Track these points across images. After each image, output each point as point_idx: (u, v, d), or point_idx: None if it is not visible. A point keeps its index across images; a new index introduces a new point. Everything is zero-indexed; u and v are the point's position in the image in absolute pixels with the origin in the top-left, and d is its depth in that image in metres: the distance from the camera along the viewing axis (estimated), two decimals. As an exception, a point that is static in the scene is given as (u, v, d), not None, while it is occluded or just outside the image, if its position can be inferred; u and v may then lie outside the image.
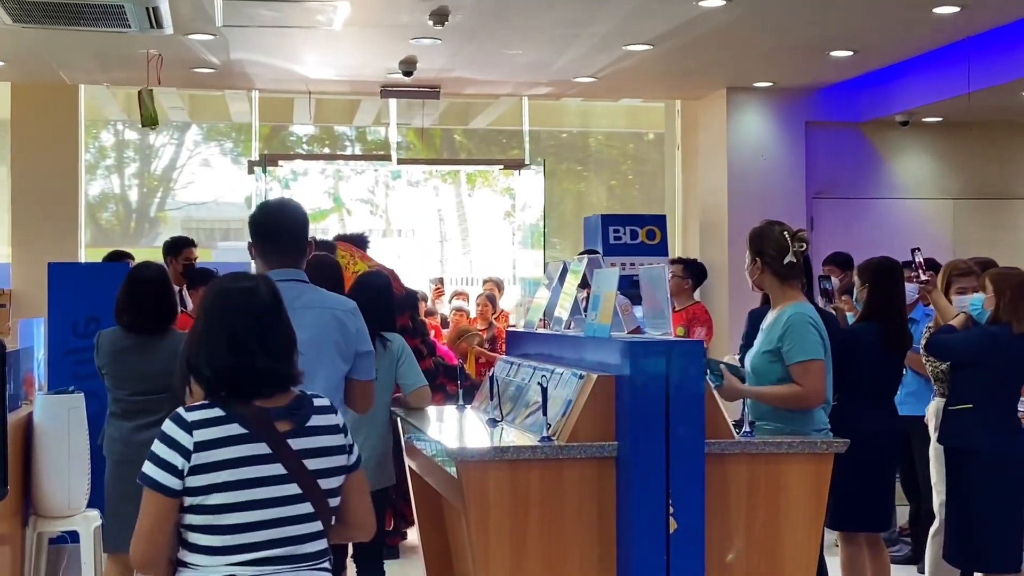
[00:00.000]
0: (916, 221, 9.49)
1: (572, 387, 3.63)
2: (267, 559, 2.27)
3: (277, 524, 2.29)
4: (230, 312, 2.36)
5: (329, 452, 2.37)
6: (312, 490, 2.32)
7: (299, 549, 2.31)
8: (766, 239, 4.16)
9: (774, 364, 4.03)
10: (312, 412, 2.39)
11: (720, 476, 3.55)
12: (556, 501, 3.48)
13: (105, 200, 14.41)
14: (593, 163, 13.77)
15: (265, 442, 2.29)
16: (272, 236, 3.49)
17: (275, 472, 2.28)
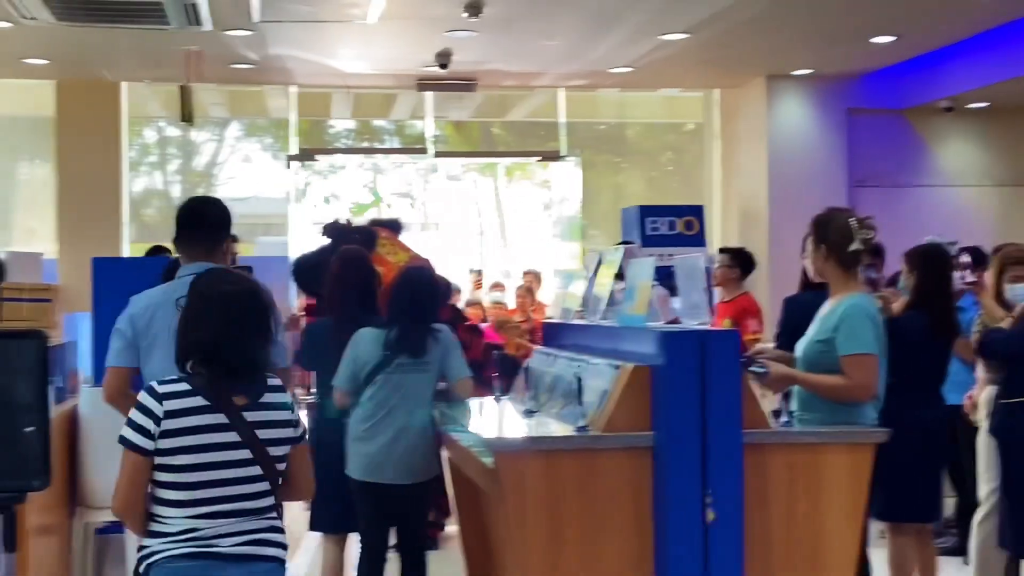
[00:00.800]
0: (960, 209, 9.37)
1: (607, 377, 3.61)
2: (221, 512, 2.70)
3: (231, 483, 2.70)
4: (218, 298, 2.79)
5: (278, 425, 2.78)
6: (262, 456, 2.73)
7: (249, 504, 2.73)
8: (831, 226, 4.04)
9: (827, 354, 3.93)
10: (265, 390, 2.79)
11: (758, 466, 3.50)
12: (592, 491, 3.46)
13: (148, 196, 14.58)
14: (631, 154, 13.71)
15: (223, 413, 2.70)
16: (190, 230, 3.74)
17: (231, 439, 2.70)
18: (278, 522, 2.82)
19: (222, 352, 2.73)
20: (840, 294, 4.04)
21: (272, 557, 2.78)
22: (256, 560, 2.74)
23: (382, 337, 4.60)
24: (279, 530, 2.81)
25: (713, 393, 3.39)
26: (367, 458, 4.55)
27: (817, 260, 4.07)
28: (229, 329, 2.75)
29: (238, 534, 2.72)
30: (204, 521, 2.70)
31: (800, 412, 3.97)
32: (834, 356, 3.92)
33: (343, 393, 4.61)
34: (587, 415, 3.53)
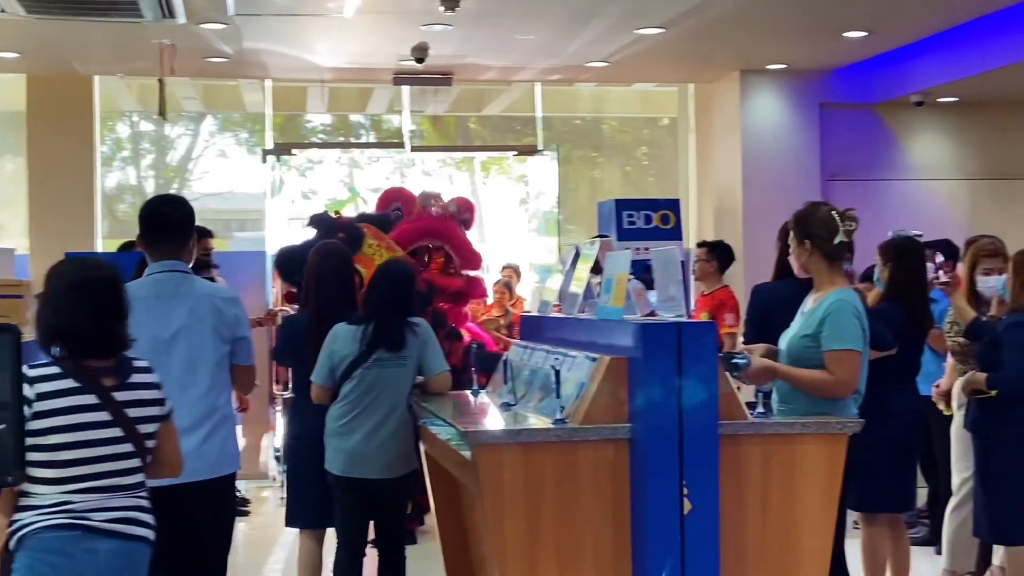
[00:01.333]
0: (931, 202, 9.46)
1: (585, 370, 3.63)
2: (94, 488, 2.85)
3: (103, 460, 2.87)
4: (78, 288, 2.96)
5: (146, 403, 2.97)
6: (132, 433, 2.91)
7: (120, 480, 2.90)
8: (815, 220, 4.02)
9: (812, 349, 3.92)
10: (133, 371, 2.98)
11: (734, 457, 3.54)
12: (570, 483, 3.49)
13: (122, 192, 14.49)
14: (607, 149, 13.75)
15: (94, 394, 2.87)
16: (154, 231, 3.85)
17: (102, 418, 2.87)
18: (146, 502, 2.97)
19: (87, 335, 2.92)
20: (825, 289, 4.02)
21: (141, 537, 2.93)
22: (126, 538, 2.89)
23: (358, 332, 4.59)
24: (147, 510, 2.97)
25: (689, 385, 3.42)
26: (345, 453, 4.55)
27: (802, 255, 4.03)
28: (93, 313, 2.93)
29: (109, 510, 2.87)
30: (77, 496, 2.84)
31: (780, 404, 4.00)
32: (819, 351, 3.91)
33: (320, 388, 4.61)
34: (565, 407, 3.55)
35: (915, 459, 5.09)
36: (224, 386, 3.86)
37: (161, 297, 3.76)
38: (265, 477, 8.26)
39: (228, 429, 3.85)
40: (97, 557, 2.83)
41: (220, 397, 3.83)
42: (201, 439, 3.72)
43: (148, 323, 3.57)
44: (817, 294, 4.07)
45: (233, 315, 3.84)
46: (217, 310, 3.81)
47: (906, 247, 4.98)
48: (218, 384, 3.81)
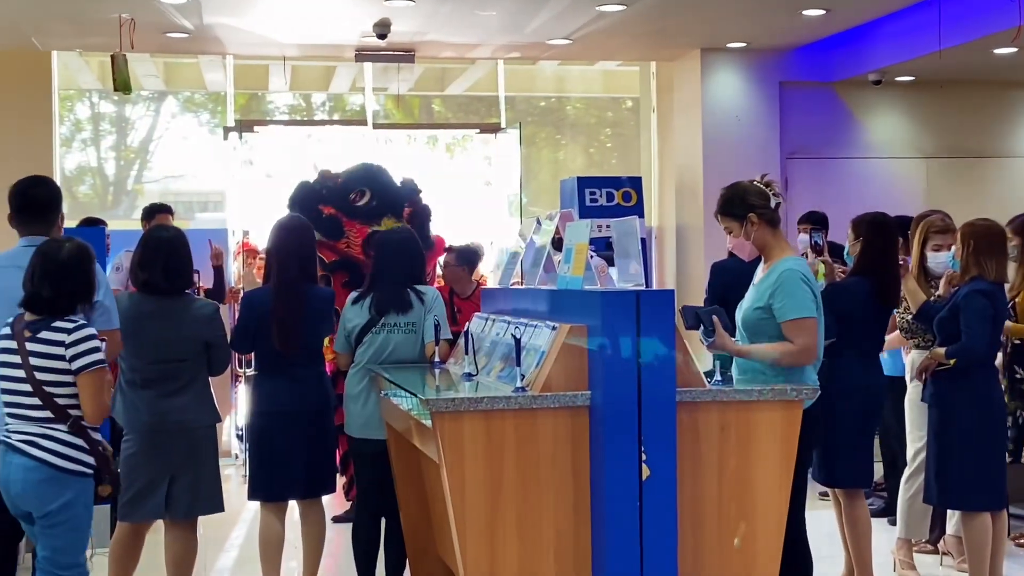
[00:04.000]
0: (889, 180, 9.57)
1: (545, 338, 3.67)
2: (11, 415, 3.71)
3: (16, 394, 3.71)
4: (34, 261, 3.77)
5: (51, 357, 3.66)
6: (29, 375, 3.66)
7: (26, 412, 3.69)
8: (751, 194, 4.10)
9: (766, 321, 3.99)
10: (46, 328, 3.68)
11: (691, 424, 3.59)
12: (531, 450, 3.53)
13: (82, 173, 14.34)
14: (570, 130, 13.76)
15: (14, 340, 3.70)
16: (22, 210, 4.25)
17: (12, 360, 3.70)
18: (57, 431, 3.67)
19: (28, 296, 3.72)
20: (773, 259, 4.10)
21: (37, 457, 3.65)
22: (24, 454, 3.66)
23: (365, 299, 4.83)
24: (56, 439, 3.66)
25: (648, 352, 3.46)
26: (362, 418, 4.79)
27: (750, 232, 4.07)
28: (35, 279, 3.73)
29: (20, 432, 3.69)
30: (10, 420, 3.72)
31: (741, 374, 4.05)
32: (773, 322, 3.98)
33: (341, 355, 4.90)
34: (525, 376, 3.59)
35: (874, 434, 5.18)
36: None
37: (21, 268, 4.02)
38: (228, 455, 8.25)
39: None
40: (11, 466, 3.68)
41: None
42: None
43: (6, 290, 3.99)
44: (765, 265, 4.13)
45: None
46: None
47: (878, 222, 5.03)
48: None
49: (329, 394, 4.92)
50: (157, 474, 4.53)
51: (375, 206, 6.71)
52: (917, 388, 5.25)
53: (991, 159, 9.84)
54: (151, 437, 4.54)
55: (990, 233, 4.86)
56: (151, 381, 4.55)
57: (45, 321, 3.69)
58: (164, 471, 4.52)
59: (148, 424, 4.55)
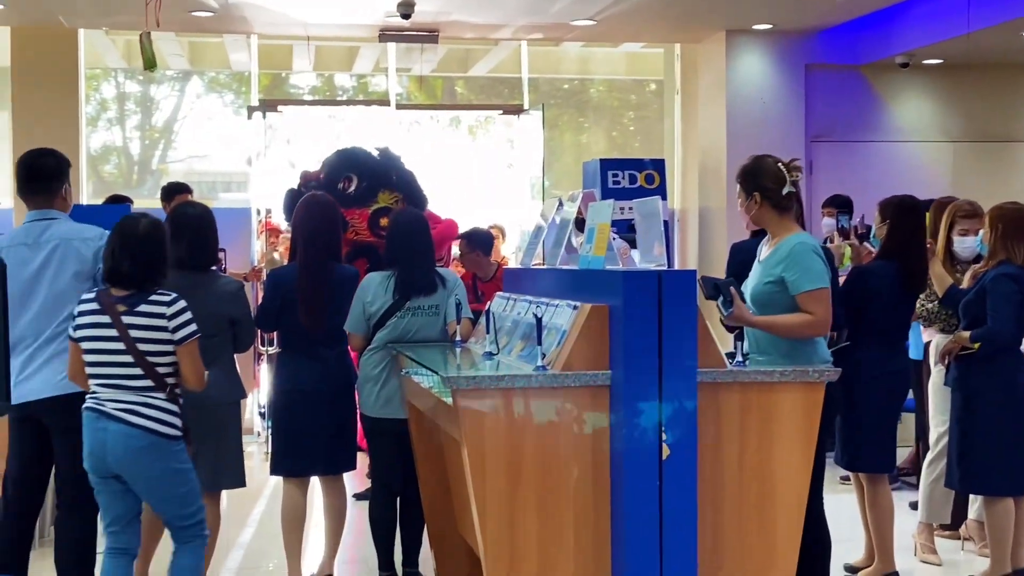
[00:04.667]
0: (915, 164, 9.49)
1: (567, 318, 3.67)
2: (107, 385, 3.84)
3: (113, 366, 3.83)
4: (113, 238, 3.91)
5: (151, 328, 3.82)
6: (131, 347, 3.81)
7: (125, 382, 3.82)
8: (762, 172, 4.12)
9: (778, 294, 4.02)
10: (143, 302, 3.84)
11: (712, 404, 3.58)
12: (551, 429, 3.50)
13: (107, 152, 14.43)
14: (594, 113, 13.72)
15: (108, 315, 3.83)
16: (27, 182, 4.29)
17: (110, 334, 3.83)
18: (155, 399, 3.82)
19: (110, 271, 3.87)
20: (779, 236, 4.12)
21: (138, 424, 3.80)
22: (125, 423, 3.80)
23: (388, 281, 4.77)
24: (155, 406, 3.82)
25: (670, 333, 3.45)
26: (382, 398, 4.79)
27: (752, 208, 4.13)
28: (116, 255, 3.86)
29: (117, 402, 3.81)
30: (100, 389, 3.85)
31: (755, 354, 4.05)
32: (785, 295, 4.00)
33: (355, 336, 4.84)
34: (546, 355, 3.59)
35: (898, 419, 5.16)
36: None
37: (26, 244, 4.21)
38: (250, 433, 8.31)
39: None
40: (107, 434, 3.80)
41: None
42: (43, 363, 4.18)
43: (14, 267, 4.03)
44: (771, 242, 4.16)
45: (93, 251, 4.20)
46: (76, 250, 4.19)
47: (906, 205, 4.99)
48: (66, 315, 4.13)
49: (351, 373, 4.95)
50: None
51: (365, 187, 6.80)
52: (941, 372, 5.23)
53: (1019, 143, 9.74)
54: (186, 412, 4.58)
55: (1019, 217, 4.82)
56: None
57: (140, 295, 3.84)
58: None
59: None
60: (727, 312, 3.91)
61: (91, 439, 3.83)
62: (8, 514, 4.27)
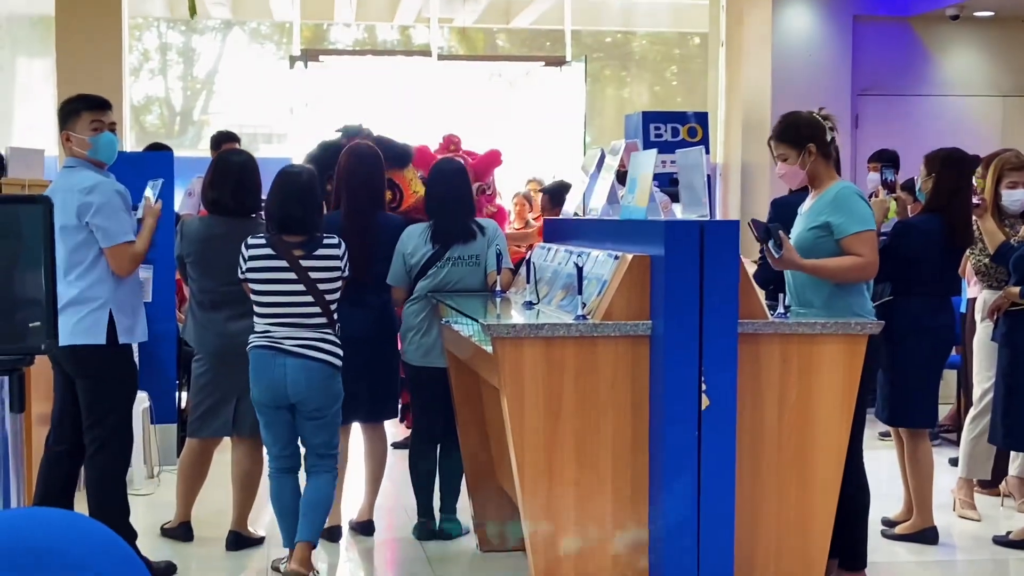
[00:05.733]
0: (964, 119, 9.34)
1: (607, 268, 3.66)
2: (285, 323, 4.21)
3: (290, 306, 4.21)
4: (281, 187, 4.32)
5: (326, 269, 4.25)
6: (312, 288, 4.21)
7: (304, 320, 4.22)
8: (807, 124, 4.11)
9: (823, 240, 4.01)
10: (319, 246, 4.26)
11: (752, 355, 3.57)
12: (590, 378, 3.52)
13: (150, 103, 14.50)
14: (636, 66, 13.58)
15: (285, 259, 4.22)
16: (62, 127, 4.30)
17: (288, 277, 4.21)
18: (328, 334, 4.24)
19: (281, 219, 4.25)
20: (823, 187, 4.11)
21: (318, 358, 4.20)
22: (305, 358, 4.19)
23: (427, 232, 4.78)
24: (329, 341, 4.24)
25: (711, 283, 3.44)
26: (424, 347, 4.80)
27: (804, 162, 4.09)
28: (285, 203, 4.26)
29: (295, 339, 4.20)
30: (274, 327, 4.21)
31: (796, 307, 4.03)
32: (830, 242, 4.00)
33: (396, 288, 4.86)
34: (586, 304, 3.59)
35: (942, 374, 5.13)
36: (79, 271, 4.22)
37: (49, 191, 4.28)
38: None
39: (81, 308, 4.21)
40: (286, 369, 4.17)
41: (73, 280, 4.21)
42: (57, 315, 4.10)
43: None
44: (814, 193, 4.15)
45: (77, 205, 4.19)
46: (65, 202, 4.16)
47: (953, 158, 4.92)
48: (71, 269, 4.21)
49: (394, 322, 4.98)
50: (225, 393, 4.67)
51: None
52: (987, 328, 5.18)
53: (1071, 98, 9.55)
54: (220, 358, 4.67)
55: None
56: (220, 303, 4.65)
57: (314, 241, 4.23)
58: (232, 391, 4.65)
59: (217, 346, 4.67)
60: (778, 254, 3.88)
61: (268, 374, 4.18)
62: (51, 454, 4.36)
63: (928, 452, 4.90)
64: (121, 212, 4.26)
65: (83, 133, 4.26)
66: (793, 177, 4.19)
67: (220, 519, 4.90)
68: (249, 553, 4.78)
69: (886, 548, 4.90)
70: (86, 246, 4.21)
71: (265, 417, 4.29)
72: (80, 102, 4.31)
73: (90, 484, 4.33)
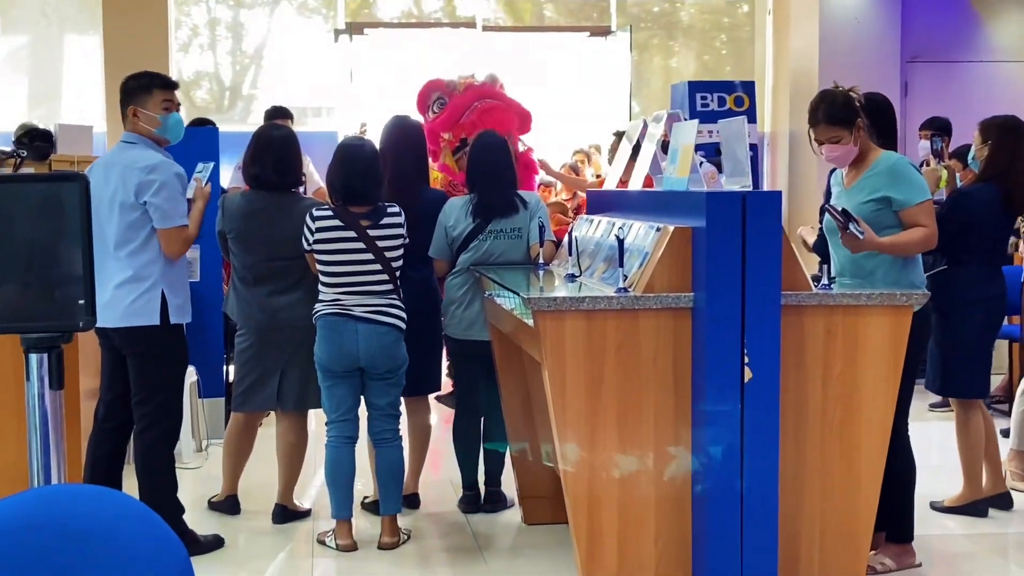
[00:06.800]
0: (1017, 86, 9.13)
1: (649, 240, 3.63)
2: (353, 291, 4.36)
3: (359, 274, 4.36)
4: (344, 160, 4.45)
5: (391, 237, 4.40)
6: (380, 256, 4.37)
7: (372, 288, 4.37)
8: (846, 100, 4.05)
9: (881, 212, 3.98)
10: (384, 215, 4.41)
11: (796, 328, 3.53)
12: (632, 352, 3.50)
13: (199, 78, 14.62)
14: (683, 35, 13.42)
15: (353, 230, 4.36)
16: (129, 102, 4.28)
17: (357, 247, 4.36)
18: (395, 300, 4.41)
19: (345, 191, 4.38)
20: (868, 159, 4.06)
21: (388, 323, 4.38)
22: (376, 323, 4.35)
23: (468, 204, 4.76)
24: (396, 306, 4.41)
25: (754, 255, 3.39)
26: (466, 321, 4.79)
27: (856, 139, 4.03)
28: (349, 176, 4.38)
29: (365, 305, 4.35)
30: (344, 295, 4.35)
31: (847, 278, 3.99)
32: (887, 215, 3.96)
33: (438, 261, 4.85)
34: (628, 277, 3.56)
35: (994, 344, 5.05)
36: (132, 249, 4.21)
37: (104, 165, 4.31)
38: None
39: (135, 288, 4.21)
40: (357, 335, 4.31)
41: (127, 259, 4.20)
42: (110, 294, 4.15)
43: (95, 189, 3.99)
44: (857, 165, 4.09)
45: (137, 183, 4.17)
46: (124, 178, 4.17)
47: (1009, 126, 4.83)
48: (124, 246, 4.21)
49: (437, 296, 4.98)
50: (269, 368, 4.70)
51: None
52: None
53: None
54: (263, 333, 4.69)
55: None
56: (263, 279, 4.67)
57: (379, 211, 4.38)
58: (275, 365, 4.69)
59: (260, 321, 4.69)
60: (862, 236, 3.85)
61: (338, 340, 4.32)
62: (100, 430, 4.41)
63: (979, 424, 4.83)
64: (179, 195, 4.27)
65: (153, 111, 4.27)
66: (847, 157, 4.09)
67: (267, 492, 4.94)
68: (295, 526, 4.82)
69: (935, 520, 4.84)
70: (140, 224, 4.22)
71: (329, 381, 4.39)
72: (153, 79, 4.31)
73: (139, 460, 4.37)
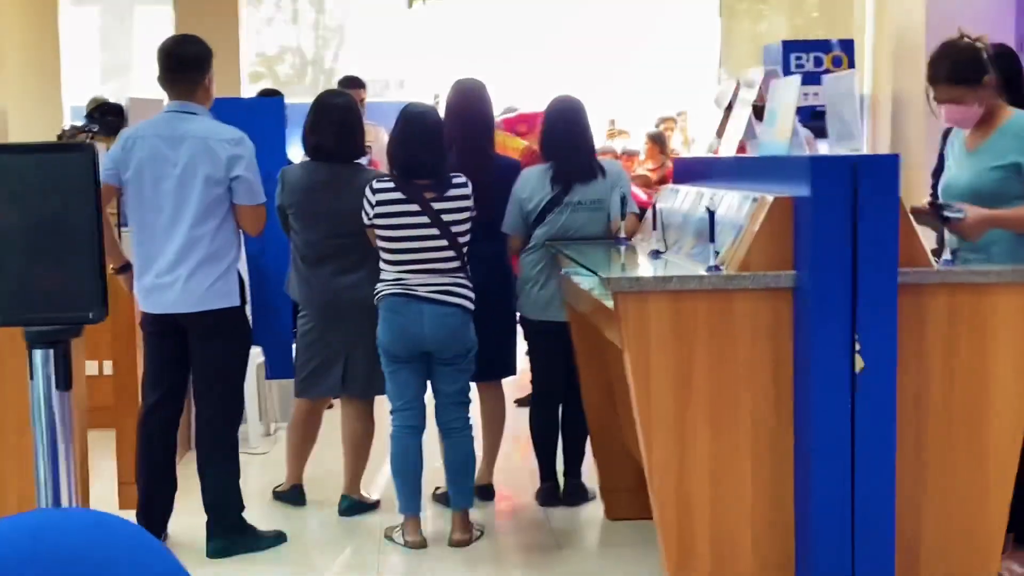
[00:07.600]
0: None
1: (744, 211, 3.26)
2: (418, 269, 4.06)
3: (424, 251, 4.05)
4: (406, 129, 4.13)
5: (457, 211, 4.10)
6: (446, 232, 4.06)
7: (438, 265, 4.06)
8: (974, 52, 3.57)
9: (1008, 181, 3.51)
10: (449, 187, 4.09)
11: (915, 309, 3.13)
12: (725, 338, 3.15)
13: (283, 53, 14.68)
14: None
15: (416, 203, 4.06)
16: (168, 70, 4.00)
17: (422, 221, 4.05)
18: (463, 279, 4.10)
19: (406, 162, 4.08)
20: (997, 117, 3.59)
21: (455, 304, 4.07)
22: (442, 304, 4.04)
23: (546, 174, 4.47)
24: (463, 285, 4.09)
25: (866, 227, 3.02)
26: (542, 300, 4.53)
27: (982, 99, 3.55)
28: (411, 146, 4.07)
29: (430, 285, 4.04)
30: (407, 274, 4.05)
31: (966, 252, 3.55)
32: (1015, 183, 3.50)
33: (512, 237, 4.57)
34: (720, 253, 3.19)
35: None
36: (213, 226, 3.96)
37: (161, 137, 3.95)
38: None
39: (215, 268, 3.98)
40: (422, 316, 4.02)
41: (208, 236, 3.95)
42: (186, 276, 3.94)
43: (148, 161, 3.90)
44: (981, 127, 3.60)
45: (227, 156, 3.93)
46: (210, 151, 3.91)
47: None
48: (204, 222, 3.94)
49: (510, 274, 4.69)
50: (333, 352, 4.50)
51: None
52: None
53: None
54: (326, 314, 4.48)
55: None
56: (325, 257, 4.45)
57: (443, 183, 4.07)
58: (340, 349, 4.48)
59: (323, 302, 4.48)
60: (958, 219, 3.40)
61: (401, 323, 4.03)
62: (152, 421, 4.14)
63: None
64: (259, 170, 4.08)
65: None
66: (972, 119, 3.62)
67: (334, 481, 4.73)
68: (363, 519, 4.58)
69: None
70: (223, 200, 3.97)
71: (392, 367, 4.12)
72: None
73: (204, 451, 4.15)
